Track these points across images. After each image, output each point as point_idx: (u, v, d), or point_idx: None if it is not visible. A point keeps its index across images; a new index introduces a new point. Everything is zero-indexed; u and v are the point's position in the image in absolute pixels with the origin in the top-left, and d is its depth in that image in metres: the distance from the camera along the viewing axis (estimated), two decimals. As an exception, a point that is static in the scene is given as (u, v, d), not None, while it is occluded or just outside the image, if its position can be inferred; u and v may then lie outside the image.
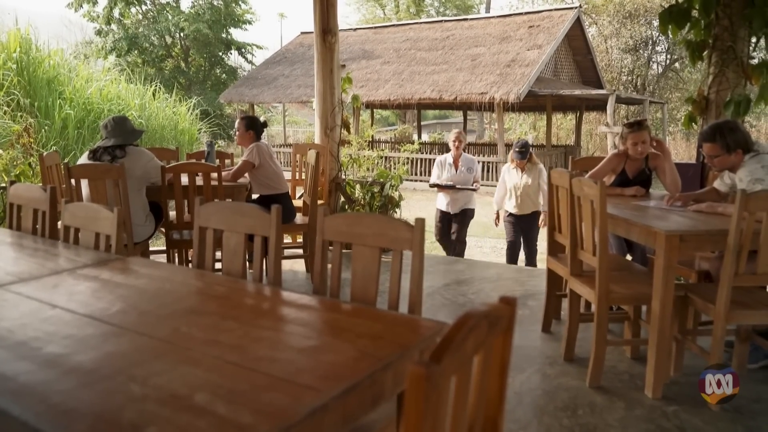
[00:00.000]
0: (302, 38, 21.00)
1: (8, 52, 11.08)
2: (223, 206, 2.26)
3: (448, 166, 6.20)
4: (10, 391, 1.20)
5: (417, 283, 1.91)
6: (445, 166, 6.24)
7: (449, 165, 6.19)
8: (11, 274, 2.02)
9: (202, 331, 1.51)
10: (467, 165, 6.20)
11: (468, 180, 6.19)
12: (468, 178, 6.19)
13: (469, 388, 1.10)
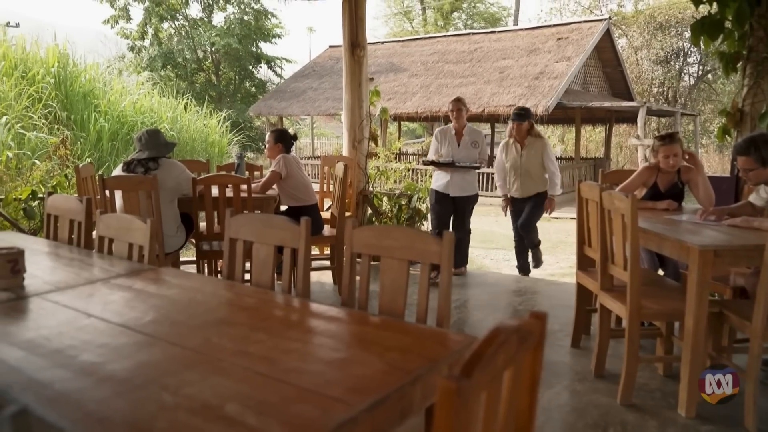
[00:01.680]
0: (330, 52, 21.22)
1: (47, 66, 11.42)
2: (254, 218, 2.29)
3: (449, 138, 5.20)
4: (47, 398, 1.22)
5: (445, 297, 1.90)
6: (446, 137, 5.22)
7: (451, 137, 5.20)
8: (48, 283, 2.07)
9: (232, 342, 1.53)
10: (473, 138, 5.20)
11: (472, 157, 5.19)
12: (473, 155, 5.19)
13: (499, 404, 1.09)
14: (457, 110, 5.15)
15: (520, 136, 5.17)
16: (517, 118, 5.17)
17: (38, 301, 1.90)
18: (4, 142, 8.70)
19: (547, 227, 9.76)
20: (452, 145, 5.17)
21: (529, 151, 5.19)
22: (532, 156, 5.19)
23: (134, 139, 4.16)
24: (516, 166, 5.22)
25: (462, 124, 5.15)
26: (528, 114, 5.20)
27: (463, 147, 5.16)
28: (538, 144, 5.21)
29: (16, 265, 2.01)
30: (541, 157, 5.19)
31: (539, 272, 6.04)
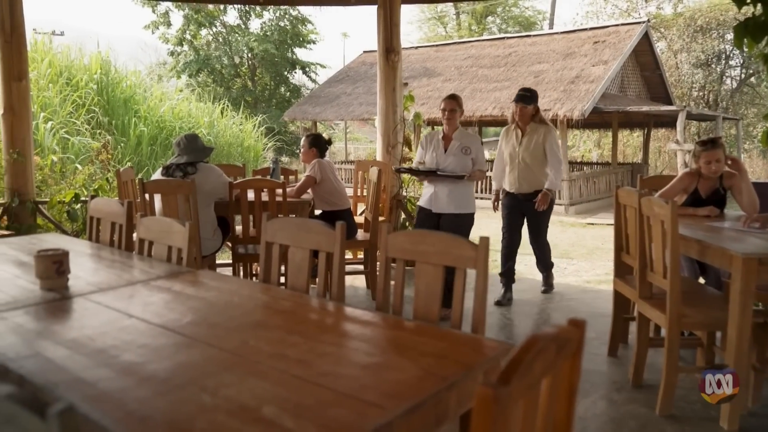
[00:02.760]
0: (364, 57, 21.32)
1: (90, 73, 11.76)
2: (290, 222, 2.31)
3: (435, 143, 4.36)
4: (91, 396, 1.26)
5: (481, 302, 1.89)
6: (431, 143, 4.39)
7: (437, 142, 4.35)
8: (91, 284, 2.13)
9: (268, 344, 1.54)
10: (463, 144, 4.27)
11: (463, 165, 4.24)
12: (463, 163, 4.24)
13: (536, 413, 1.08)
14: (449, 110, 4.31)
15: (522, 120, 4.54)
16: (521, 99, 4.50)
17: (82, 301, 1.95)
18: (50, 147, 8.98)
19: (583, 233, 9.61)
20: (437, 151, 4.32)
21: (529, 138, 4.53)
22: (533, 144, 4.52)
23: (173, 143, 4.25)
24: (513, 155, 4.58)
25: (453, 126, 4.31)
26: (534, 97, 4.54)
27: (451, 153, 4.27)
28: (541, 130, 4.54)
29: (61, 266, 2.08)
30: (543, 145, 4.52)
31: (574, 279, 5.95)
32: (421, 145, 4.51)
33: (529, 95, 4.51)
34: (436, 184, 4.29)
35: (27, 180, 5.47)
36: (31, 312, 1.84)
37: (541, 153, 4.54)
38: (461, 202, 4.26)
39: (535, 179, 4.58)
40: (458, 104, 4.35)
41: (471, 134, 4.52)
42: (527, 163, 4.55)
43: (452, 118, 4.28)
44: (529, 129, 4.55)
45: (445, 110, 4.30)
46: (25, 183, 5.44)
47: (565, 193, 13.37)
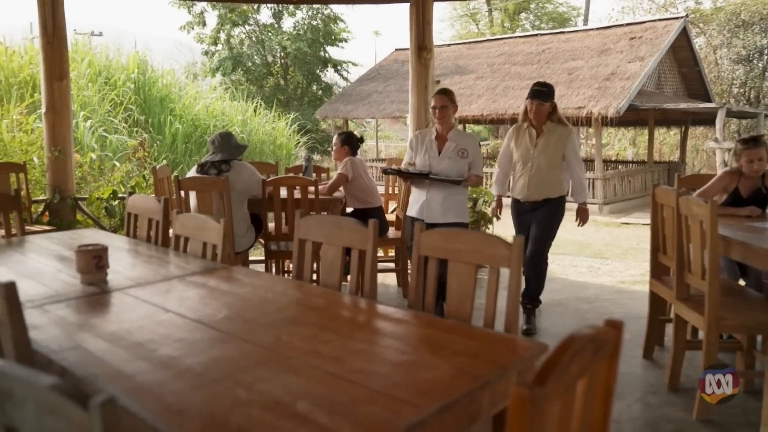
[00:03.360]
0: (396, 55, 21.30)
1: (127, 72, 12.02)
2: (323, 219, 2.33)
3: (427, 144, 3.85)
4: (130, 389, 1.29)
5: (514, 302, 1.88)
6: (422, 143, 3.88)
7: (430, 142, 3.85)
8: (129, 279, 2.18)
9: (302, 341, 1.56)
10: (460, 146, 3.79)
11: (459, 170, 3.78)
12: (458, 167, 3.78)
13: (572, 415, 1.06)
14: (440, 107, 3.78)
15: (538, 119, 3.92)
16: (537, 95, 3.88)
17: (120, 295, 1.99)
18: (89, 145, 9.20)
19: (617, 233, 9.45)
20: (430, 153, 3.82)
21: (546, 139, 3.93)
22: (550, 147, 3.93)
23: (208, 141, 4.31)
24: (526, 158, 3.96)
25: (447, 125, 3.83)
26: (551, 92, 3.95)
27: (446, 156, 3.78)
28: (560, 132, 3.95)
29: (101, 261, 2.13)
30: (562, 149, 3.94)
31: (608, 279, 5.86)
32: (410, 145, 4.01)
33: (545, 90, 3.90)
34: (429, 189, 3.81)
35: (67, 177, 5.61)
36: (72, 305, 1.89)
37: (558, 157, 3.96)
38: (457, 210, 3.83)
39: (547, 186, 3.98)
40: (450, 99, 3.84)
41: (467, 134, 4.14)
42: (542, 168, 3.94)
43: (444, 116, 3.80)
44: (545, 129, 3.93)
45: (436, 108, 3.80)
46: (66, 180, 5.58)
47: (599, 192, 13.16)
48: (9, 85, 10.04)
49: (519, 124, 4.12)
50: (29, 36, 11.87)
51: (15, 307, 1.29)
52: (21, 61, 10.73)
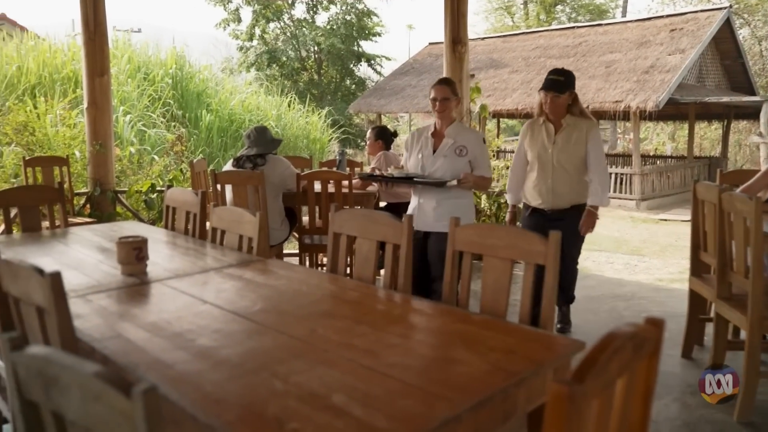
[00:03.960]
0: (430, 49, 21.19)
1: (165, 68, 12.24)
2: (357, 213, 2.33)
3: (423, 141, 3.40)
4: (170, 378, 1.31)
5: (550, 298, 1.85)
6: (418, 141, 3.44)
7: (426, 140, 3.39)
8: (168, 270, 2.22)
9: (337, 333, 1.57)
10: (458, 143, 3.30)
11: (455, 172, 3.26)
12: (455, 168, 3.27)
13: (610, 414, 1.05)
14: (441, 99, 3.31)
15: (555, 113, 3.44)
16: (551, 87, 3.39)
17: (159, 286, 2.04)
18: (128, 139, 9.41)
19: (655, 229, 9.26)
20: (424, 152, 3.36)
21: (567, 135, 3.44)
22: (571, 143, 3.44)
23: (243, 136, 4.36)
24: (544, 158, 3.46)
25: (448, 119, 3.34)
26: (569, 81, 3.44)
27: (441, 155, 3.30)
28: (582, 126, 3.45)
29: (141, 252, 2.17)
30: (584, 146, 3.44)
31: (645, 276, 5.74)
32: (405, 146, 3.56)
33: (562, 80, 3.40)
34: (421, 194, 3.36)
35: (108, 170, 5.74)
36: (113, 295, 1.94)
37: (581, 156, 3.47)
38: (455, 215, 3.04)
39: (571, 190, 3.49)
40: (452, 91, 3.35)
41: (469, 130, 3.52)
42: (564, 169, 3.46)
43: (446, 109, 3.30)
44: (565, 123, 3.45)
45: (436, 99, 3.32)
46: (107, 173, 5.72)
47: (637, 188, 12.90)
48: (53, 81, 10.32)
49: (534, 120, 3.62)
50: (71, 33, 12.19)
51: (60, 297, 1.33)
52: (64, 58, 11.03)
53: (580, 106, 3.53)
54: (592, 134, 3.48)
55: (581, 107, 3.53)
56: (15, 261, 1.45)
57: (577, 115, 3.50)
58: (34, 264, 1.38)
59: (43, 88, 10.09)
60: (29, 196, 3.14)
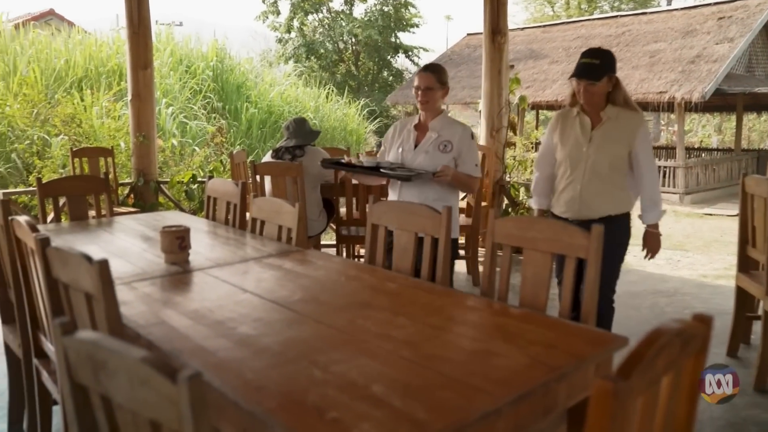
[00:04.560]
0: (468, 39, 20.99)
1: (206, 61, 12.43)
2: (396, 205, 2.33)
3: (405, 134, 3.09)
4: (212, 364, 1.34)
5: (592, 293, 1.82)
6: (400, 134, 3.13)
7: (408, 133, 3.08)
8: (209, 259, 2.26)
9: (376, 325, 1.57)
10: (443, 137, 2.97)
11: (436, 167, 2.89)
12: (436, 164, 2.90)
13: (655, 411, 1.02)
14: (425, 88, 2.98)
15: (591, 104, 2.78)
16: (584, 72, 2.73)
17: (201, 275, 2.07)
18: (170, 130, 9.59)
19: (700, 224, 9.00)
20: (405, 146, 3.04)
21: (607, 131, 2.77)
22: (611, 141, 2.77)
23: (282, 127, 4.40)
24: (576, 158, 2.82)
25: (432, 111, 3.02)
26: (607, 63, 2.76)
27: (422, 150, 2.98)
28: (627, 120, 2.77)
29: (183, 241, 2.22)
30: (628, 144, 2.76)
31: (688, 272, 5.60)
32: (385, 140, 3.23)
33: (597, 63, 2.73)
34: (401, 192, 2.99)
35: (151, 161, 5.88)
36: (156, 283, 1.98)
37: (623, 156, 2.78)
38: None
39: (605, 199, 2.80)
40: (439, 79, 3.01)
41: (455, 123, 3.10)
42: (598, 173, 2.78)
43: (429, 100, 2.98)
44: (605, 117, 2.77)
45: (419, 88, 2.98)
46: (149, 164, 5.85)
47: (681, 181, 12.57)
48: (98, 74, 10.59)
49: (566, 110, 2.96)
50: (116, 27, 12.47)
51: (108, 284, 1.37)
52: (109, 52, 11.30)
53: (625, 94, 2.81)
54: (641, 131, 2.78)
55: (626, 95, 2.82)
56: (65, 249, 1.49)
57: (621, 105, 2.79)
58: (82, 252, 1.42)
59: (89, 80, 10.36)
60: (77, 186, 3.24)
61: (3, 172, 7.68)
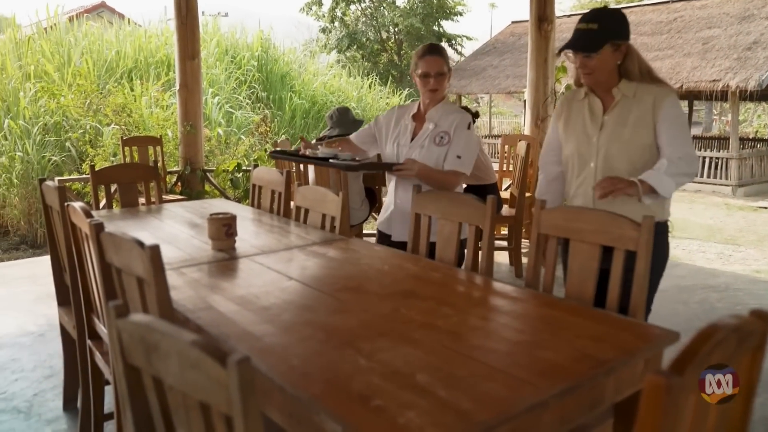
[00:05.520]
0: (513, 27, 20.65)
1: (252, 51, 12.59)
2: (439, 195, 2.32)
3: (403, 125, 2.74)
4: (258, 349, 1.36)
5: (641, 286, 1.77)
6: (398, 123, 2.77)
7: (407, 124, 2.73)
8: (255, 247, 2.30)
9: (420, 314, 1.57)
10: (440, 128, 2.64)
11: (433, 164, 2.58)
12: (429, 161, 2.58)
13: (709, 409, 0.99)
14: (436, 74, 2.61)
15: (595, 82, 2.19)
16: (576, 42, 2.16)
17: (247, 261, 2.11)
18: (216, 120, 9.77)
19: (753, 218, 8.67)
20: (402, 139, 2.72)
21: (621, 113, 2.15)
22: (629, 126, 2.13)
23: (326, 116, 4.43)
24: (585, 152, 2.22)
25: (436, 98, 2.67)
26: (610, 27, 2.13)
27: (417, 144, 2.66)
28: (646, 95, 2.13)
29: (230, 228, 2.26)
30: (651, 128, 2.10)
31: (741, 267, 5.41)
32: (377, 121, 2.87)
33: (595, 29, 2.11)
34: (396, 192, 2.73)
35: (198, 150, 6.00)
36: (204, 269, 2.03)
37: (647, 143, 2.12)
38: None
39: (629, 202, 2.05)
40: (447, 62, 2.67)
41: (455, 110, 2.70)
42: (615, 169, 2.13)
43: (440, 87, 2.63)
44: (618, 95, 2.16)
45: (429, 75, 2.60)
46: (196, 153, 5.98)
47: (733, 173, 12.14)
48: (147, 65, 10.85)
49: (572, 92, 2.35)
50: (165, 19, 12.73)
51: (159, 268, 1.40)
52: (158, 43, 11.56)
53: (642, 64, 2.18)
54: (666, 103, 2.10)
55: (644, 65, 2.18)
56: (118, 234, 1.54)
57: (638, 79, 2.16)
58: (135, 237, 1.46)
59: (139, 71, 10.62)
60: (128, 174, 3.33)
61: (58, 160, 7.96)
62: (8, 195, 7.51)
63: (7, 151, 7.77)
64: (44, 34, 10.76)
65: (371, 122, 2.86)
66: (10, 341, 3.47)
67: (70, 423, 2.60)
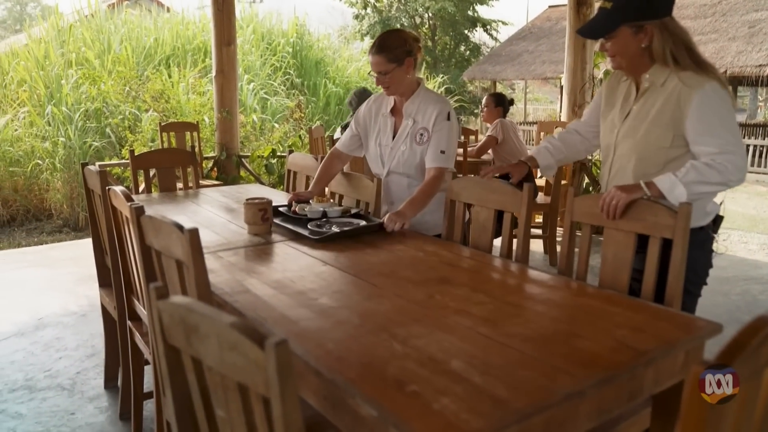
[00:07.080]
0: (549, 12, 20.26)
1: (287, 38, 12.63)
2: (475, 182, 2.29)
3: (381, 121, 2.60)
4: (294, 333, 1.37)
5: (677, 275, 1.73)
6: (376, 120, 2.62)
7: (383, 119, 2.58)
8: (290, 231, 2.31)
9: (454, 300, 1.56)
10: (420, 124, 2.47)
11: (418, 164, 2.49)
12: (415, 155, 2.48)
13: (755, 406, 0.96)
14: (378, 74, 2.44)
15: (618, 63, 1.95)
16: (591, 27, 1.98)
17: (283, 246, 2.13)
18: (251, 106, 9.85)
19: (800, 208, 8.38)
20: (383, 138, 2.58)
21: (646, 103, 1.92)
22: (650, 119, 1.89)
23: (346, 104, 4.42)
24: (609, 140, 2.05)
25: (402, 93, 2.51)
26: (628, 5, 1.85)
27: (399, 142, 2.52)
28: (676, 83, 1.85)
29: (266, 213, 2.28)
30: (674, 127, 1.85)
31: (786, 259, 5.24)
32: (357, 120, 2.69)
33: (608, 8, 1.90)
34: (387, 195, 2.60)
35: (233, 136, 6.07)
36: (240, 253, 2.05)
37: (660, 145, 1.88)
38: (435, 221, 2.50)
39: None
40: (391, 58, 2.39)
41: (434, 100, 2.48)
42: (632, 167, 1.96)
43: (391, 84, 2.44)
44: (646, 83, 1.93)
45: (376, 73, 2.44)
46: (232, 139, 6.05)
47: (780, 162, 11.74)
48: (185, 52, 10.98)
49: (614, 75, 2.12)
50: (201, 5, 12.85)
51: (198, 252, 1.42)
52: (195, 29, 11.68)
53: (675, 46, 1.86)
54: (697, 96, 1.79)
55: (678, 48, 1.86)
56: (158, 217, 1.56)
57: (669, 65, 1.86)
58: (174, 221, 1.48)
59: (176, 58, 10.76)
60: (166, 159, 3.39)
61: (99, 146, 8.15)
62: (51, 179, 7.73)
63: (51, 136, 7.98)
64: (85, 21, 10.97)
65: (352, 123, 2.71)
66: (54, 321, 3.58)
67: (111, 401, 2.68)
